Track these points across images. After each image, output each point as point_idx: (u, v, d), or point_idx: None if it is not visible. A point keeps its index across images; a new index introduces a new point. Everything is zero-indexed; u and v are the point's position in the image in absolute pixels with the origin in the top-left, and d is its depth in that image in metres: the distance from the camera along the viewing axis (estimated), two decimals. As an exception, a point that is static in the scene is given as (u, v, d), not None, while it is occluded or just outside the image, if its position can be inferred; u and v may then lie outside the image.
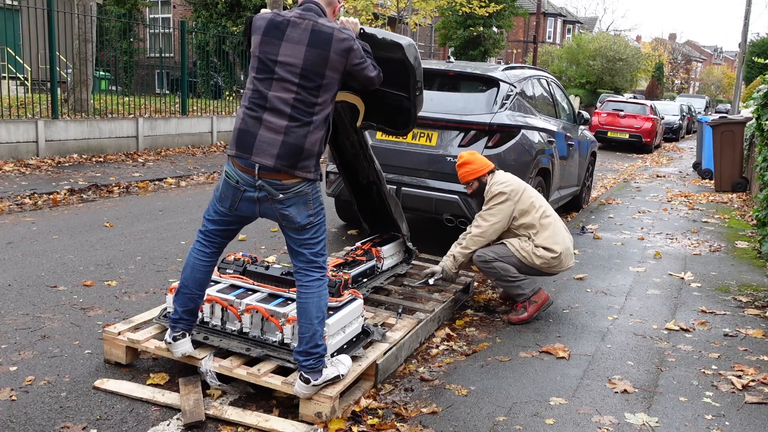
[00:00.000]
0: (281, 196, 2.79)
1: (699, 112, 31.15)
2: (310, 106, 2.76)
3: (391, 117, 3.93)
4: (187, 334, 3.10)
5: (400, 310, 3.90)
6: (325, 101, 2.80)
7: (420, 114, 4.93)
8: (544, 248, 4.08)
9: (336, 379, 2.89)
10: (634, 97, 27.56)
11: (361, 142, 4.18)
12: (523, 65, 6.84)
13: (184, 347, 3.09)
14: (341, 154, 4.36)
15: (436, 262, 5.14)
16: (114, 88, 15.73)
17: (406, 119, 3.86)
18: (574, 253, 5.90)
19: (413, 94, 3.67)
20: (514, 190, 4.11)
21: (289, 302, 3.28)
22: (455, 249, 4.23)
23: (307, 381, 2.79)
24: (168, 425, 2.80)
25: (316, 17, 2.79)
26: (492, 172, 4.24)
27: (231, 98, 16.61)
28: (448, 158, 5.25)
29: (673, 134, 24.27)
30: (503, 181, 4.16)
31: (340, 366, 2.95)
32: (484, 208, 4.16)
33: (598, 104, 24.23)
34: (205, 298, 3.29)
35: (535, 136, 5.79)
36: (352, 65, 2.83)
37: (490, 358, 3.60)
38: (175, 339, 3.07)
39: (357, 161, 4.37)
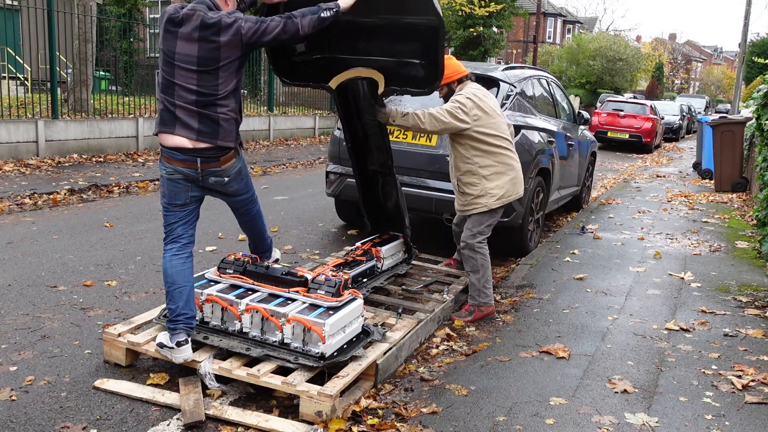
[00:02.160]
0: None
1: (699, 112, 31.15)
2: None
3: (412, 78, 3.90)
4: (189, 339, 3.10)
5: (400, 310, 3.90)
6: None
7: None
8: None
9: None
10: (634, 97, 27.58)
11: (374, 125, 4.17)
12: (523, 65, 6.84)
13: (186, 353, 3.09)
14: (353, 136, 4.35)
15: (436, 263, 5.15)
16: (114, 88, 15.71)
17: (432, 77, 3.80)
18: (574, 253, 5.92)
19: (441, 49, 3.69)
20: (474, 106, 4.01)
21: (289, 302, 3.28)
22: (415, 113, 4.00)
23: None
24: (168, 425, 2.80)
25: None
26: (462, 81, 4.15)
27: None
28: (448, 158, 5.24)
29: (673, 134, 24.27)
30: (472, 97, 4.03)
31: None
32: (450, 104, 4.03)
33: (598, 104, 24.23)
34: (205, 298, 3.30)
35: (535, 136, 5.79)
36: (249, 40, 3.14)
37: (490, 358, 3.60)
38: (179, 345, 3.06)
39: (367, 146, 4.37)
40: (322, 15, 3.25)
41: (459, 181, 4.25)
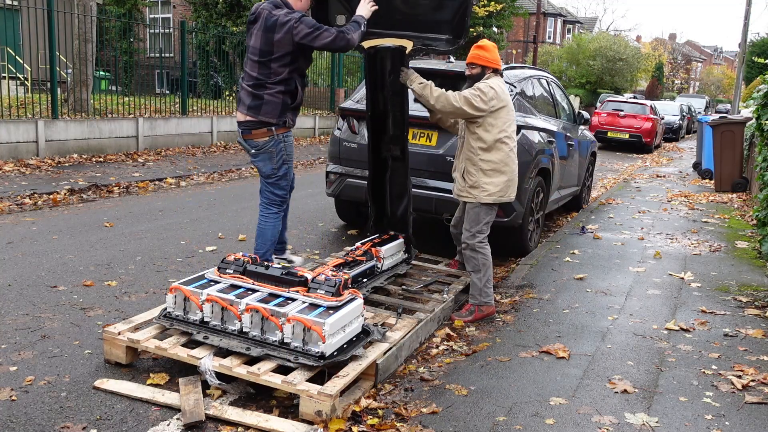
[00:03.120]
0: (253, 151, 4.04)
1: (699, 112, 31.14)
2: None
3: (438, 40, 4.27)
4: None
5: (400, 310, 3.90)
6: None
7: (420, 114, 5.01)
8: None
9: None
10: (634, 97, 27.56)
11: (397, 102, 4.34)
12: (523, 65, 6.84)
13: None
14: (374, 107, 4.49)
15: (436, 263, 5.15)
16: (114, 88, 15.72)
17: (460, 28, 4.18)
18: (574, 253, 5.92)
19: (467, 15, 4.16)
20: (499, 100, 4.12)
21: (289, 302, 3.28)
22: (433, 87, 4.13)
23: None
24: (168, 425, 2.80)
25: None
26: (496, 71, 4.25)
27: (231, 98, 16.59)
28: (448, 158, 5.25)
29: (673, 134, 24.27)
30: (495, 88, 4.12)
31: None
32: (469, 91, 4.11)
33: (598, 104, 24.23)
34: (205, 298, 3.30)
35: (535, 136, 5.79)
36: (300, 39, 3.77)
37: (490, 358, 3.60)
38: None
39: (385, 124, 4.48)
40: (362, 30, 3.88)
41: (462, 166, 4.33)
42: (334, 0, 4.43)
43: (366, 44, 4.24)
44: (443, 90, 4.10)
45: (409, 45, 4.22)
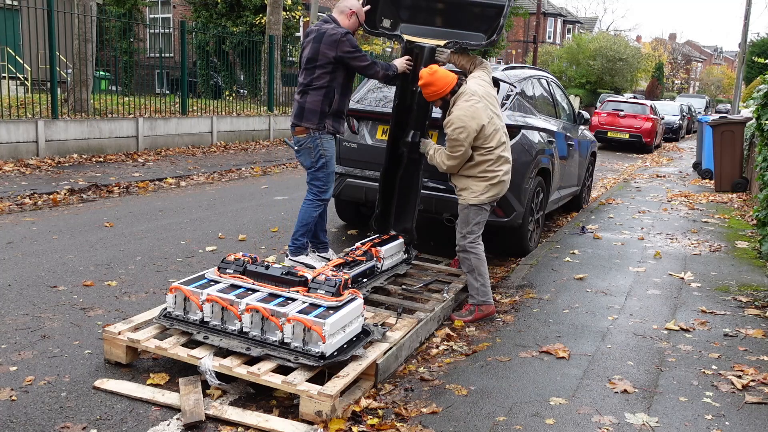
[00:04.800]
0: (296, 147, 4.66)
1: (699, 112, 31.14)
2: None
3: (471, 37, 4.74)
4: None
5: (400, 310, 3.90)
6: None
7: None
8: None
9: (304, 266, 4.47)
10: (634, 97, 27.54)
11: (423, 101, 4.51)
12: (523, 65, 6.84)
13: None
14: (402, 99, 4.70)
15: (437, 263, 5.15)
16: (114, 88, 15.71)
17: (495, 29, 4.66)
18: (574, 253, 5.92)
19: (502, 24, 4.61)
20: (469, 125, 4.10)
21: (290, 302, 3.28)
22: (440, 154, 4.31)
23: (288, 255, 4.74)
24: (168, 425, 2.80)
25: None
26: (454, 91, 4.19)
27: (231, 98, 16.59)
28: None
29: (673, 134, 24.27)
30: (462, 122, 4.09)
31: (315, 263, 4.63)
32: (447, 144, 4.20)
33: (598, 104, 24.23)
34: (205, 298, 3.30)
35: (535, 136, 5.79)
36: (341, 54, 4.38)
37: (490, 358, 3.60)
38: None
39: (408, 117, 4.69)
40: (389, 73, 4.51)
41: (450, 176, 4.42)
42: (384, 4, 4.87)
43: (407, 37, 4.71)
44: (436, 147, 4.38)
45: (442, 43, 4.57)
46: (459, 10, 4.77)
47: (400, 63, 4.56)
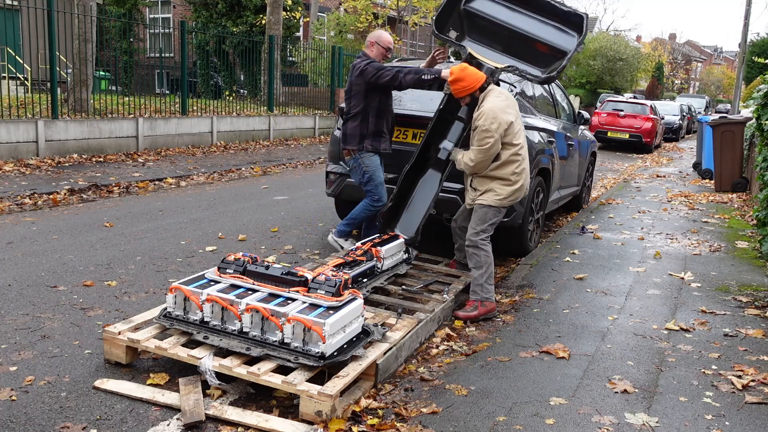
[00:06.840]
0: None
1: (699, 112, 31.13)
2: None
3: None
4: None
5: (400, 311, 3.90)
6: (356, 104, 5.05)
7: (420, 114, 5.09)
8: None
9: (340, 247, 5.24)
10: (634, 97, 27.53)
11: (466, 117, 4.72)
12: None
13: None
14: (446, 107, 4.91)
15: (436, 263, 5.15)
16: (114, 88, 15.72)
17: (555, 69, 4.88)
18: (574, 253, 5.92)
19: (563, 67, 4.86)
20: (500, 125, 4.20)
21: (290, 302, 3.28)
22: (467, 153, 4.38)
23: (334, 235, 5.36)
24: (168, 425, 2.80)
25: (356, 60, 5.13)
26: (483, 88, 4.35)
27: (231, 98, 16.59)
28: (450, 158, 5.24)
29: (673, 134, 24.26)
30: (495, 113, 4.20)
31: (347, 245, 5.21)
32: (473, 139, 4.29)
33: (598, 104, 24.22)
34: (205, 298, 3.30)
35: (535, 136, 5.79)
36: (368, 80, 4.90)
37: (490, 358, 3.60)
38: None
39: (446, 129, 4.95)
40: (423, 77, 4.76)
41: (473, 179, 4.44)
42: (455, 18, 5.13)
43: (470, 50, 4.85)
44: (464, 152, 4.43)
45: (501, 66, 4.78)
46: (526, 43, 5.00)
47: (444, 73, 4.65)
